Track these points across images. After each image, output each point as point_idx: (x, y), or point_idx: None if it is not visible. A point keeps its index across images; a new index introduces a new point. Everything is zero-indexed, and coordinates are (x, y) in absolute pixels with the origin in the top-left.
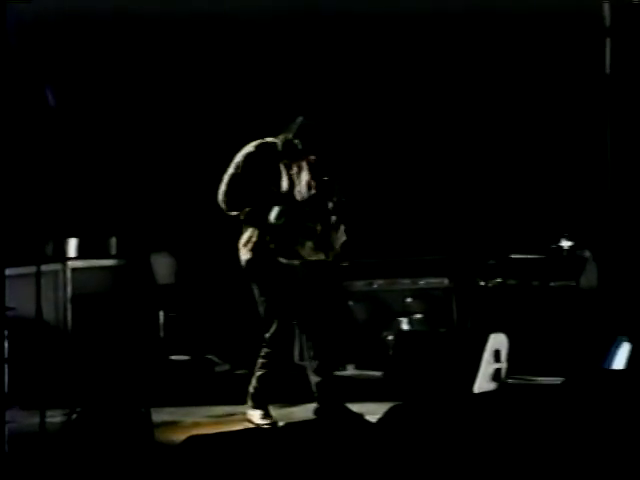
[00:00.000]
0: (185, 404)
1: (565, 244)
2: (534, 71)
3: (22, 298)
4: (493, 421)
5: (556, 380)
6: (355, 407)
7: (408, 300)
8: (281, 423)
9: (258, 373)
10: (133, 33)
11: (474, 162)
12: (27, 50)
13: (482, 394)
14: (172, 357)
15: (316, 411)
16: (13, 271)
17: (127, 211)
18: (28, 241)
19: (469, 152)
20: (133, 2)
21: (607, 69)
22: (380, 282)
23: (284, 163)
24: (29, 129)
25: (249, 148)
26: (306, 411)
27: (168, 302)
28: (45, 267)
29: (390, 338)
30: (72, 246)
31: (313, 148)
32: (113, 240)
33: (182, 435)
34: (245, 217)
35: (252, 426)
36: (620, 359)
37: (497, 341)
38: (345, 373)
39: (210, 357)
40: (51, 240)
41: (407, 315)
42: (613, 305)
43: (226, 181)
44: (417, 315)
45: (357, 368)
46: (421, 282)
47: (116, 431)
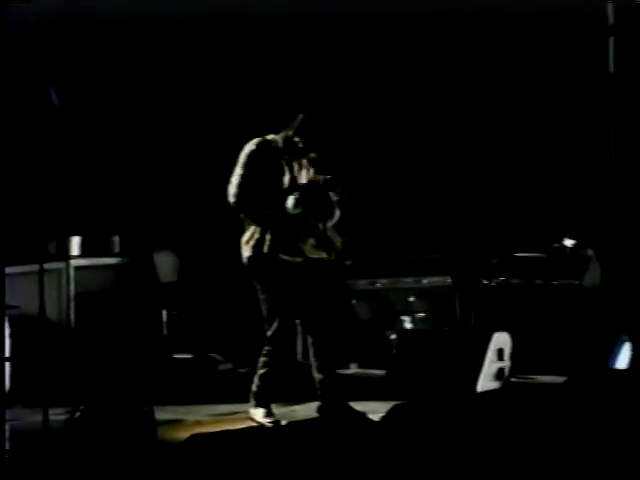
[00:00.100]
0: (188, 402)
1: (568, 243)
2: (538, 70)
3: (25, 296)
4: (496, 420)
5: (559, 379)
6: (358, 406)
7: (411, 299)
8: (284, 421)
9: (261, 372)
10: (136, 33)
11: (477, 161)
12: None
13: (485, 393)
14: (175, 355)
15: (319, 409)
16: (16, 269)
17: (130, 209)
18: (31, 239)
19: (472, 151)
20: (134, 2)
21: (611, 68)
22: (383, 281)
23: (285, 160)
24: (33, 128)
25: (251, 146)
26: (309, 409)
27: (171, 300)
28: (48, 265)
29: (393, 337)
30: (75, 244)
31: (313, 145)
32: (116, 238)
33: (185, 433)
34: (254, 216)
35: (255, 424)
36: (623, 358)
37: (500, 340)
38: (348, 372)
39: (213, 355)
40: (54, 238)
41: (410, 314)
42: (616, 304)
43: (236, 183)
44: (420, 314)
45: (360, 367)
46: (424, 281)
47: (119, 429)
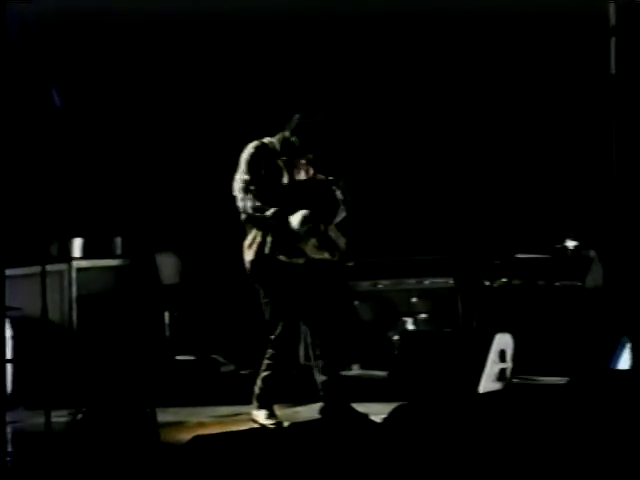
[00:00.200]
0: (190, 404)
1: (570, 244)
2: (539, 71)
3: (27, 298)
4: (498, 421)
5: (561, 380)
6: (360, 407)
7: (413, 300)
8: (286, 423)
9: (263, 374)
10: (138, 33)
11: (479, 162)
12: (33, 51)
13: (487, 394)
14: (177, 357)
15: (322, 410)
16: (18, 271)
17: (132, 211)
18: (33, 241)
19: (474, 152)
20: (135, 2)
21: (612, 69)
22: (385, 282)
23: (283, 161)
24: (35, 129)
25: (249, 150)
26: (311, 411)
27: (173, 302)
28: (50, 267)
29: (395, 338)
30: (77, 246)
31: (311, 145)
32: (118, 240)
33: (187, 435)
34: (272, 215)
35: (257, 426)
36: (625, 359)
37: (502, 341)
38: (350, 373)
39: (215, 357)
40: (56, 240)
41: (412, 315)
42: (618, 305)
43: (243, 187)
44: (422, 315)
45: (362, 368)
46: (426, 282)
47: (121, 431)
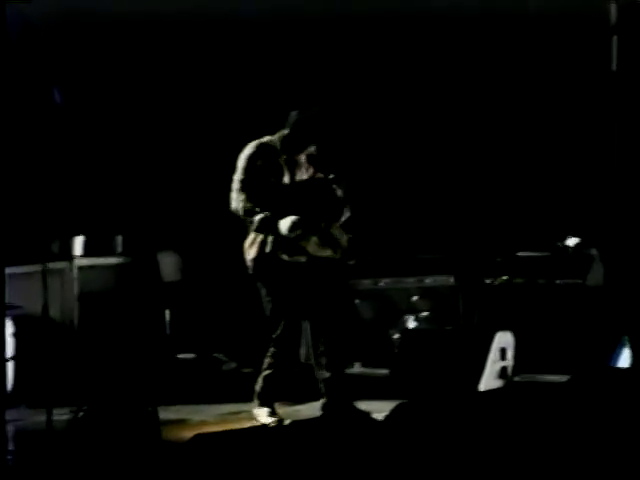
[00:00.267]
0: (192, 402)
1: (571, 242)
2: (540, 69)
3: (29, 296)
4: (499, 419)
5: (562, 378)
6: (361, 405)
7: (414, 298)
8: (287, 421)
9: (265, 373)
10: (139, 32)
11: (481, 160)
12: (34, 49)
13: (488, 392)
14: (179, 355)
15: (324, 406)
16: (20, 269)
17: (133, 209)
18: (34, 239)
19: (476, 150)
20: (135, 2)
21: (614, 66)
22: (386, 280)
23: (284, 160)
24: (36, 127)
25: (249, 149)
26: (312, 409)
27: (174, 300)
28: (51, 265)
29: (396, 336)
30: (78, 244)
31: (312, 139)
32: (119, 238)
33: (189, 433)
34: (259, 223)
35: (258, 424)
36: (626, 357)
37: (503, 339)
38: (351, 371)
39: (217, 355)
40: (57, 238)
41: (413, 313)
42: (619, 303)
43: (237, 188)
44: (423, 313)
45: (363, 366)
46: (427, 280)
47: (123, 429)
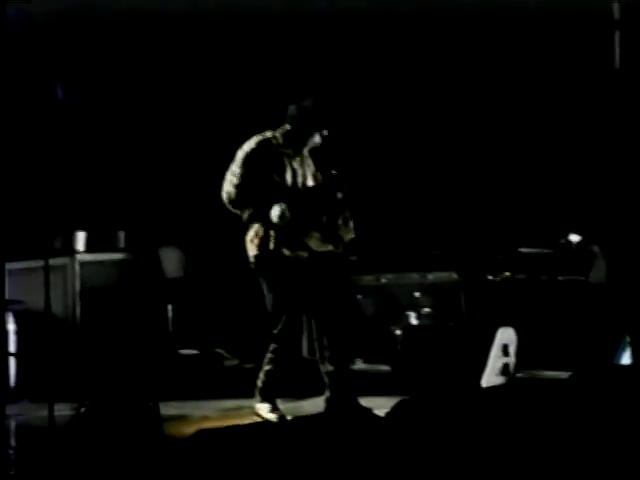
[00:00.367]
0: (194, 398)
1: (574, 239)
2: (543, 66)
3: (31, 292)
4: (501, 415)
5: (564, 374)
6: (364, 401)
7: (416, 294)
8: (289, 417)
9: (266, 368)
10: (141, 29)
11: (483, 156)
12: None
13: (490, 388)
14: (181, 351)
15: (327, 400)
16: (22, 265)
17: (135, 205)
18: (37, 235)
19: (478, 146)
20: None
21: (616, 64)
22: (388, 276)
23: (286, 155)
24: (38, 124)
25: (250, 145)
26: (314, 405)
27: (176, 296)
28: (54, 261)
29: (398, 332)
30: (81, 240)
31: (315, 129)
32: (121, 234)
33: (191, 429)
34: (248, 216)
35: (260, 420)
36: (628, 354)
37: (505, 335)
38: (354, 367)
39: (219, 351)
40: (60, 234)
41: (415, 309)
42: (622, 300)
43: (230, 180)
44: (425, 309)
45: (365, 362)
46: (429, 276)
47: (125, 425)
